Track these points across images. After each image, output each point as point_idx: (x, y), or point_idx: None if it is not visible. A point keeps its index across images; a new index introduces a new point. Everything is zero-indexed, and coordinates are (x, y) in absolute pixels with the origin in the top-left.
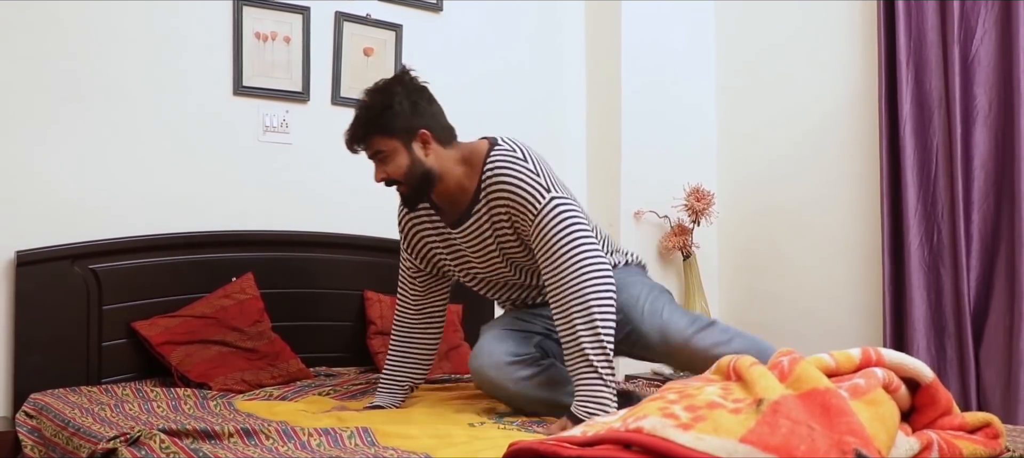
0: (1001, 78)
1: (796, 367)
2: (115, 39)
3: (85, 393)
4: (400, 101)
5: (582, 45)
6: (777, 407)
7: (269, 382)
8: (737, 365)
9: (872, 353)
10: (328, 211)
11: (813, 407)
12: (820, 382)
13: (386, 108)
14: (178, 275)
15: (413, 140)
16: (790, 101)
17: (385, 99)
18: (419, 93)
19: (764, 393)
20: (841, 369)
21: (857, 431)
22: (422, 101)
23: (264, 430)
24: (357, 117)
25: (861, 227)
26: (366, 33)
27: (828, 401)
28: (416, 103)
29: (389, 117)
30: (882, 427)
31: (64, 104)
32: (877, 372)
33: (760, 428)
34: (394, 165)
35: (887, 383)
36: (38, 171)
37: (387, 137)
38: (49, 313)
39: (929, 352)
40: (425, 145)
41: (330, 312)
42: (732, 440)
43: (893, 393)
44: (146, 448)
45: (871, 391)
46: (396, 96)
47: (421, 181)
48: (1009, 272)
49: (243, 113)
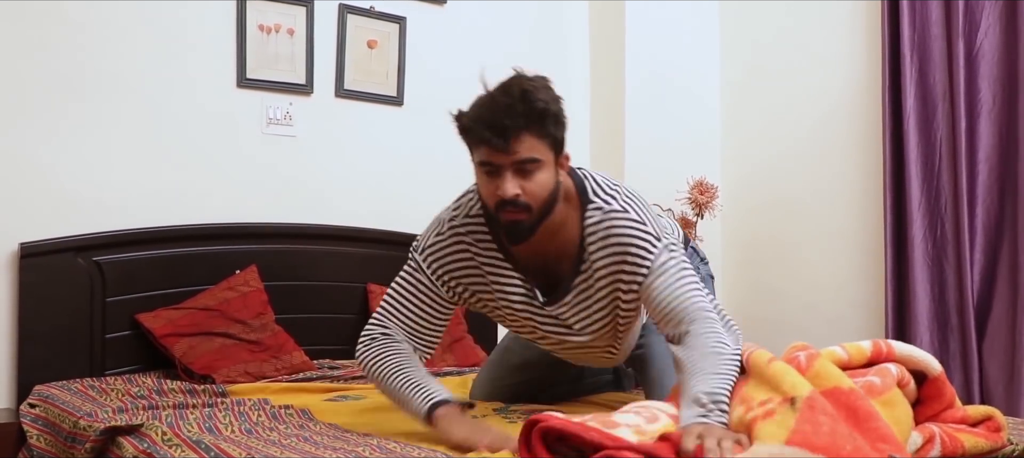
0: (1005, 72)
1: (814, 363)
2: (119, 32)
3: (89, 385)
4: (562, 107)
5: (586, 37)
6: (812, 404)
7: (272, 374)
8: (752, 361)
9: (883, 346)
10: (331, 204)
11: (839, 407)
12: (842, 381)
13: (558, 107)
14: (181, 267)
15: (558, 159)
16: (794, 94)
17: (552, 97)
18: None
19: (794, 391)
20: (853, 362)
21: (888, 436)
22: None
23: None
24: (513, 106)
25: (864, 221)
26: (370, 25)
27: (854, 403)
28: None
29: (555, 121)
30: (897, 430)
31: (68, 97)
32: (891, 369)
33: (802, 427)
34: (540, 181)
35: (900, 379)
36: (42, 163)
37: (545, 144)
38: (53, 305)
39: (932, 346)
40: (561, 171)
41: (333, 305)
42: (777, 444)
43: (904, 388)
44: (147, 439)
45: (887, 391)
46: (560, 99)
47: (549, 211)
48: (1012, 266)
49: (247, 106)
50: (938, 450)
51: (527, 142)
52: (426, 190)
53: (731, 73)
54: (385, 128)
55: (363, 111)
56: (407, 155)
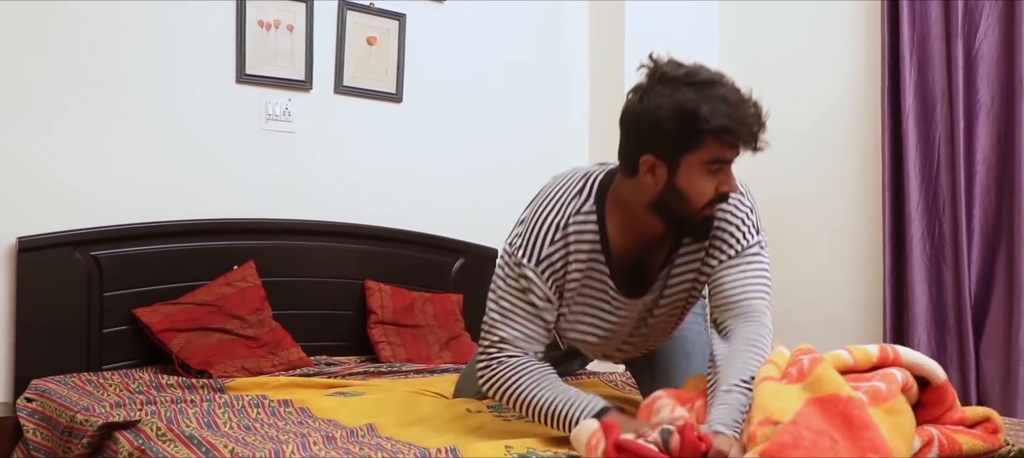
0: (1004, 73)
1: (816, 368)
2: (118, 27)
3: (86, 379)
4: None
5: (585, 36)
6: (797, 421)
7: (269, 370)
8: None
9: (889, 351)
10: (330, 200)
11: (833, 416)
12: (842, 389)
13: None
14: (179, 262)
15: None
16: (793, 94)
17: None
18: None
19: (778, 416)
20: (859, 366)
21: (879, 448)
22: None
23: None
24: (758, 114)
25: (863, 221)
26: (369, 22)
27: (850, 412)
28: None
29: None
30: (900, 438)
31: (67, 91)
32: (896, 374)
33: (781, 439)
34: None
35: (904, 384)
36: (40, 158)
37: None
38: (50, 299)
39: (929, 346)
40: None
41: (331, 301)
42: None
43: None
44: (142, 435)
45: (892, 398)
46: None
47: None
48: (1009, 267)
49: (246, 101)
50: (936, 452)
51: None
52: (424, 188)
53: (730, 72)
54: (384, 125)
55: (362, 108)
56: (406, 152)
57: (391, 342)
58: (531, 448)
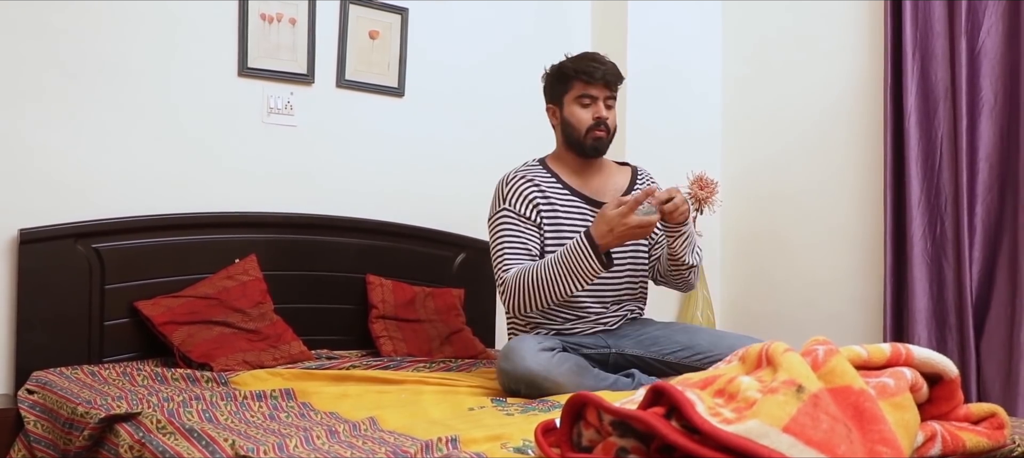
0: (1007, 71)
1: (831, 359)
2: (121, 19)
3: (88, 371)
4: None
5: (588, 30)
6: (817, 400)
7: (270, 363)
8: (770, 352)
9: (902, 350)
10: (331, 194)
11: (846, 407)
12: (855, 381)
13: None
14: (181, 255)
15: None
16: (796, 90)
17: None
18: None
19: (803, 381)
20: (872, 362)
21: (890, 441)
22: None
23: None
24: (611, 66)
25: (864, 217)
26: (372, 16)
27: (861, 404)
28: None
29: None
30: (905, 433)
31: (69, 83)
32: (906, 373)
33: (802, 419)
34: (613, 116)
35: (914, 384)
36: (42, 149)
37: (615, 98)
38: (52, 291)
39: (930, 344)
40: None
41: (332, 295)
42: (775, 428)
43: (916, 392)
44: (143, 427)
45: (899, 394)
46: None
47: (610, 142)
48: (1011, 265)
49: (248, 95)
50: (939, 448)
51: (615, 89)
52: (426, 182)
53: (733, 68)
54: (386, 119)
55: (364, 102)
56: (407, 146)
57: (392, 336)
58: (527, 440)
